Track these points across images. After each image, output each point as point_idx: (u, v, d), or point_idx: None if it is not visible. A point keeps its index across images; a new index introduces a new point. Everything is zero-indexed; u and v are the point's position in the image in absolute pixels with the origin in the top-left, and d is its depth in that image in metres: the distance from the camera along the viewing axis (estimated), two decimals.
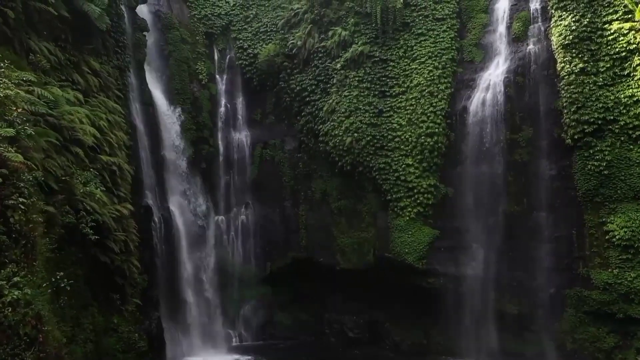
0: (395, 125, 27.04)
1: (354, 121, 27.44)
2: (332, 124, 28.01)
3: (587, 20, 23.18)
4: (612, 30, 22.67)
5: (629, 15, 22.44)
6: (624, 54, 22.44)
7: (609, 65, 22.77)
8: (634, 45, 22.13)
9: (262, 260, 30.48)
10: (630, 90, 22.20)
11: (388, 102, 27.48)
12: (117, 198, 19.38)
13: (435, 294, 26.16)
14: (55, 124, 14.88)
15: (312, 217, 29.73)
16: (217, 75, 31.58)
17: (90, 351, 16.12)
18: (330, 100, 28.41)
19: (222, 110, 31.31)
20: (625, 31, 22.37)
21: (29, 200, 9.69)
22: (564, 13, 23.83)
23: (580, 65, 23.13)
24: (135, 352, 18.55)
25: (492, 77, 25.80)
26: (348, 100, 27.78)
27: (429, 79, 26.71)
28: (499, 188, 25.17)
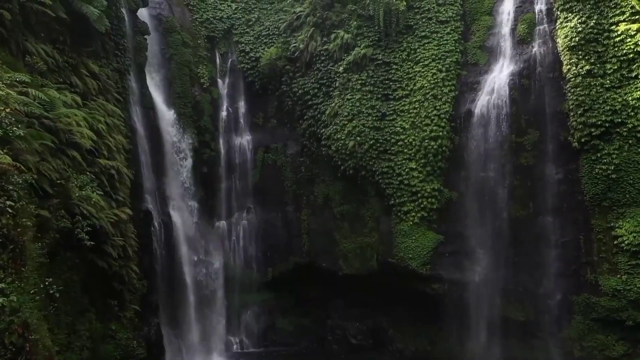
0: (398, 128, 26.71)
1: (356, 125, 27.13)
2: (335, 127, 27.71)
3: (594, 21, 22.85)
4: (619, 32, 22.33)
5: (637, 17, 22.10)
6: (631, 55, 22.09)
7: (616, 67, 22.42)
8: None
9: (264, 266, 30.11)
10: (638, 92, 21.81)
11: (391, 106, 27.17)
12: (116, 202, 19.08)
13: (439, 300, 25.79)
14: (50, 127, 14.60)
15: (315, 222, 29.41)
16: (219, 79, 31.35)
17: (86, 358, 15.77)
18: (333, 104, 28.12)
19: (224, 114, 31.06)
20: (633, 32, 22.01)
21: (18, 204, 9.38)
22: (570, 14, 23.50)
23: (587, 68, 22.78)
24: None
25: (497, 80, 25.46)
26: (351, 104, 27.49)
27: (432, 81, 26.38)
28: (504, 192, 24.83)
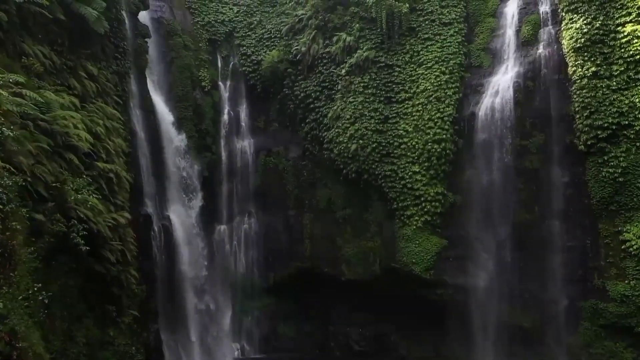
0: (401, 131, 26.43)
1: (359, 128, 26.84)
2: (337, 130, 27.44)
3: (599, 22, 22.56)
4: (626, 33, 22.05)
5: None
6: (638, 57, 21.85)
7: (622, 68, 22.12)
8: None
9: (265, 270, 29.77)
10: None
11: (394, 108, 26.89)
12: (114, 206, 18.79)
13: (444, 305, 25.45)
14: (46, 129, 14.34)
15: (317, 226, 29.07)
16: (220, 82, 31.13)
17: None
18: (335, 107, 27.87)
19: (225, 117, 30.82)
20: (639, 34, 21.64)
21: (7, 207, 9.10)
22: (575, 16, 23.22)
23: (593, 69, 22.47)
24: None
25: (501, 82, 25.19)
26: (353, 107, 27.22)
27: (436, 84, 26.10)
28: (509, 196, 24.52)
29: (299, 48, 29.34)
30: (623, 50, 22.07)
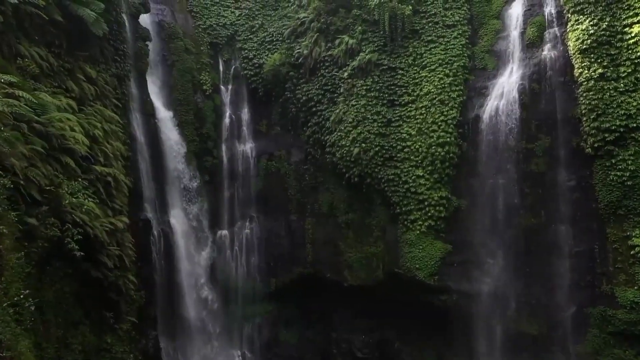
0: (404, 135, 26.06)
1: (361, 131, 26.50)
2: (339, 134, 27.10)
3: (606, 23, 22.18)
4: (633, 34, 21.67)
5: None
6: None
7: (630, 70, 21.71)
8: None
9: (267, 276, 29.39)
10: None
11: (397, 111, 26.54)
12: (112, 210, 18.54)
13: (448, 312, 25.01)
14: (41, 131, 14.07)
15: (319, 231, 28.70)
16: (222, 86, 30.89)
17: None
18: (338, 110, 27.54)
19: (227, 121, 30.54)
20: None
21: None
22: (581, 17, 22.85)
23: (600, 71, 22.07)
24: None
25: (506, 85, 24.80)
26: (355, 110, 26.88)
27: (439, 86, 25.74)
28: (514, 200, 24.09)
29: (301, 51, 29.06)
30: (630, 51, 21.66)
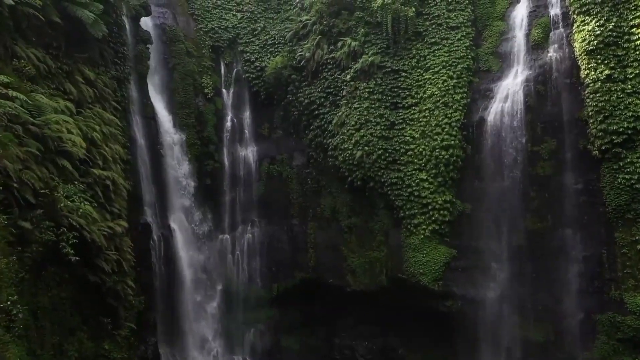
0: (408, 138, 25.74)
1: (364, 134, 26.18)
2: (342, 137, 26.80)
3: (613, 24, 21.85)
4: None
5: None
6: None
7: (637, 71, 21.39)
8: None
9: (269, 281, 29.04)
10: None
11: (400, 114, 26.23)
12: (111, 214, 18.22)
13: (452, 318, 24.60)
14: (37, 133, 13.79)
15: (321, 236, 28.37)
16: (224, 89, 30.66)
17: None
18: (340, 113, 27.25)
19: (228, 124, 30.30)
20: None
21: None
22: (587, 18, 22.51)
23: (607, 72, 21.70)
24: None
25: (511, 87, 24.46)
26: (358, 113, 26.59)
27: (443, 89, 25.41)
28: (520, 204, 23.69)
29: (303, 54, 28.82)
30: (638, 52, 21.32)
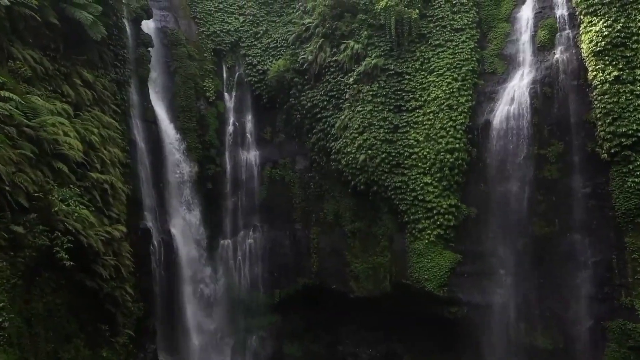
0: (412, 141, 25.39)
1: (367, 137, 25.83)
2: (345, 140, 26.46)
3: (620, 25, 21.48)
4: None
5: None
6: None
7: None
8: None
9: (271, 287, 28.66)
10: None
11: (404, 117, 25.89)
12: (109, 219, 17.89)
13: (458, 324, 24.15)
14: (32, 135, 13.49)
15: (324, 241, 28.01)
16: (226, 93, 30.41)
17: None
18: (343, 116, 26.94)
19: (230, 128, 30.01)
20: None
21: None
22: (595, 18, 22.12)
23: (615, 74, 21.30)
24: None
25: (517, 89, 24.09)
26: (361, 116, 26.26)
27: (447, 91, 25.05)
28: (526, 208, 23.29)
29: (306, 57, 28.54)
30: None
